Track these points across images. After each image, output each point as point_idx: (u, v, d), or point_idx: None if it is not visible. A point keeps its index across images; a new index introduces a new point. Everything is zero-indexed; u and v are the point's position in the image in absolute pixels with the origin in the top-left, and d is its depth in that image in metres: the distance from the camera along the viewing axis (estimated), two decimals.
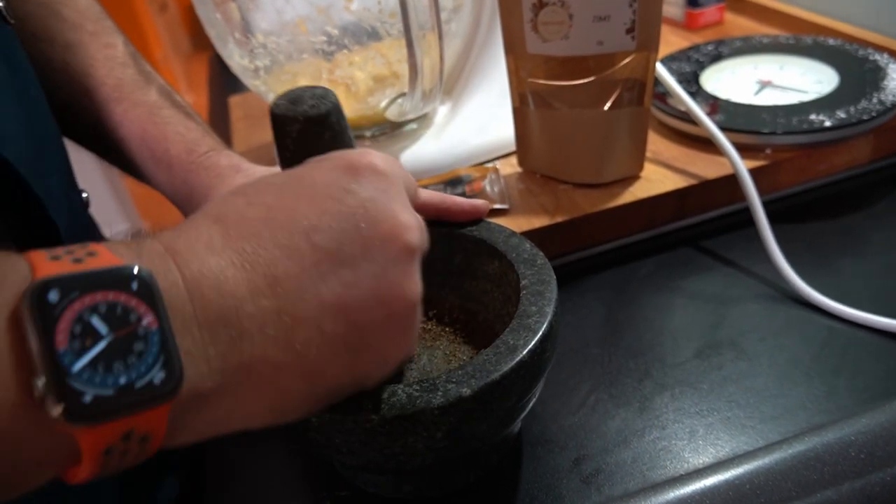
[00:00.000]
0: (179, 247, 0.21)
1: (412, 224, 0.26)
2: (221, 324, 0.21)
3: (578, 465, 0.36)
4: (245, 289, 0.21)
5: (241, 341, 0.21)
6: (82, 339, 0.18)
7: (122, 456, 0.19)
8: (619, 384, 0.41)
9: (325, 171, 0.26)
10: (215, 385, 0.21)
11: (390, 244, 0.24)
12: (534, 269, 0.36)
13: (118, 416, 0.18)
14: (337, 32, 0.53)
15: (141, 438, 0.19)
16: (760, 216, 0.47)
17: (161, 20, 3.09)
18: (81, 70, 0.44)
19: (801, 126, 0.52)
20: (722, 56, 0.65)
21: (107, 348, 0.18)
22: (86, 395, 0.18)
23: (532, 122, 0.53)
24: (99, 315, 0.18)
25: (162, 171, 0.43)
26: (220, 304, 0.21)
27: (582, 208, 0.50)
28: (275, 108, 0.30)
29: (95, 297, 0.18)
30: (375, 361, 0.25)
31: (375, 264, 0.24)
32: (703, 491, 0.33)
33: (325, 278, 0.23)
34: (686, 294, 0.47)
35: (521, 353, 0.30)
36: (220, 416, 0.22)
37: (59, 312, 0.18)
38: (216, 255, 0.22)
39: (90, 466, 0.19)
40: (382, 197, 0.25)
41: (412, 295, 0.25)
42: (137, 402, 0.18)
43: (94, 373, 0.18)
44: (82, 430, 0.18)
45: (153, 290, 0.19)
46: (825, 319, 0.43)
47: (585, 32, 0.47)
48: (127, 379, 0.18)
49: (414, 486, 0.36)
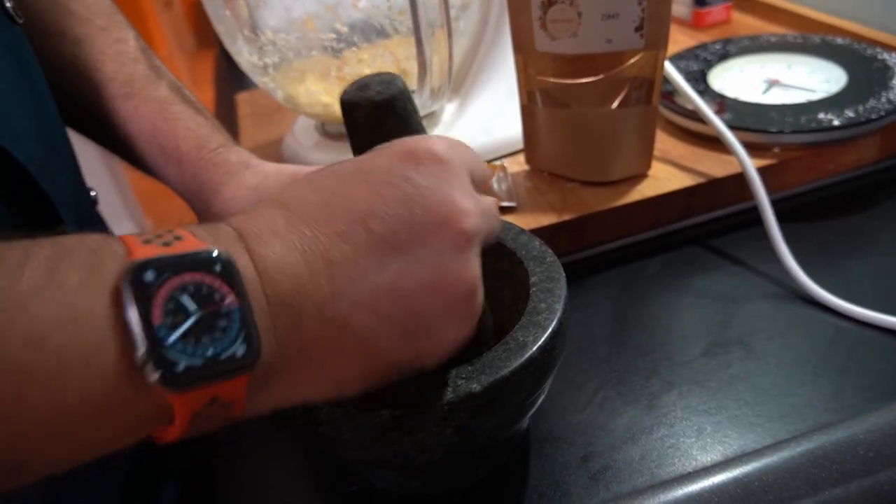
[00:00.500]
0: (248, 231, 0.23)
1: (470, 210, 0.25)
2: (284, 304, 0.22)
3: (586, 462, 0.36)
4: (305, 271, 0.22)
5: (302, 322, 0.22)
6: (175, 315, 0.20)
7: (208, 419, 0.21)
8: (627, 382, 0.41)
9: (385, 158, 0.26)
10: (282, 360, 0.22)
11: (446, 231, 0.25)
12: (543, 267, 0.36)
13: (206, 384, 0.20)
14: (346, 30, 0.53)
15: (225, 405, 0.21)
16: (768, 215, 0.47)
17: (166, 17, 3.09)
18: (91, 65, 0.44)
19: (809, 125, 0.52)
20: (729, 55, 0.65)
21: (196, 324, 0.20)
22: (179, 365, 0.19)
23: (540, 120, 0.53)
24: (188, 294, 0.20)
25: (172, 167, 0.43)
26: (283, 285, 0.22)
27: (589, 206, 0.50)
28: (343, 94, 0.30)
29: (185, 278, 0.20)
30: (433, 345, 0.26)
31: (431, 251, 0.24)
32: (711, 488, 0.33)
33: (381, 264, 0.24)
34: (694, 293, 0.47)
35: (531, 349, 0.30)
36: (285, 389, 0.23)
37: (155, 291, 0.19)
38: (279, 238, 0.23)
39: (181, 427, 0.21)
40: (440, 184, 0.25)
41: (470, 282, 0.25)
42: (222, 372, 0.20)
43: (185, 345, 0.20)
44: (175, 395, 0.20)
45: (233, 271, 0.21)
46: (833, 318, 0.43)
47: (594, 30, 0.47)
48: (214, 351, 0.20)
49: (423, 482, 0.36)
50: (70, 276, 0.19)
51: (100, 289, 0.19)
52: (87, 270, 0.19)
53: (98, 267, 0.19)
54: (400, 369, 0.26)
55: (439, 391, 0.29)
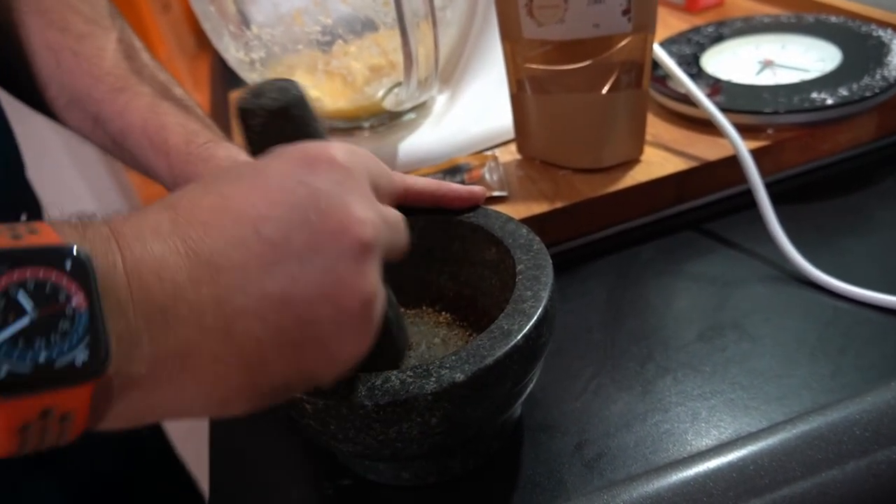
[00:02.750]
0: (125, 230, 0.21)
1: (367, 218, 0.25)
2: (158, 310, 0.21)
3: (581, 450, 0.36)
4: (186, 276, 0.21)
5: (178, 329, 0.21)
6: (4, 313, 0.18)
7: (42, 434, 0.19)
8: (622, 368, 0.40)
9: (281, 162, 0.25)
10: (148, 371, 0.21)
11: (341, 238, 0.24)
12: (530, 255, 0.35)
13: (34, 393, 0.18)
14: (332, 23, 0.53)
15: (61, 417, 0.19)
16: (763, 197, 0.46)
17: (164, 20, 3.10)
18: (90, 59, 0.45)
19: (802, 105, 0.51)
20: (723, 37, 0.64)
21: (30, 325, 0.18)
22: (0, 370, 0.18)
23: (530, 107, 0.53)
24: (26, 291, 0.18)
25: (161, 161, 0.43)
26: (158, 289, 0.21)
27: (582, 193, 0.50)
28: (239, 101, 0.29)
29: (24, 273, 0.18)
30: (325, 359, 0.25)
31: (324, 258, 0.23)
32: (706, 473, 0.33)
33: (271, 270, 0.22)
34: (688, 277, 0.46)
35: (516, 337, 0.30)
36: (154, 402, 0.22)
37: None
38: (161, 240, 0.21)
39: (7, 441, 0.19)
40: (336, 189, 0.24)
41: (365, 293, 0.24)
42: (55, 381, 0.19)
43: (12, 348, 0.18)
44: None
45: (87, 270, 0.19)
46: (830, 299, 0.42)
47: (581, 15, 0.47)
48: (46, 357, 0.18)
49: (414, 473, 0.36)
50: None
51: None
52: None
53: None
54: (289, 385, 0.25)
55: (423, 381, 0.28)
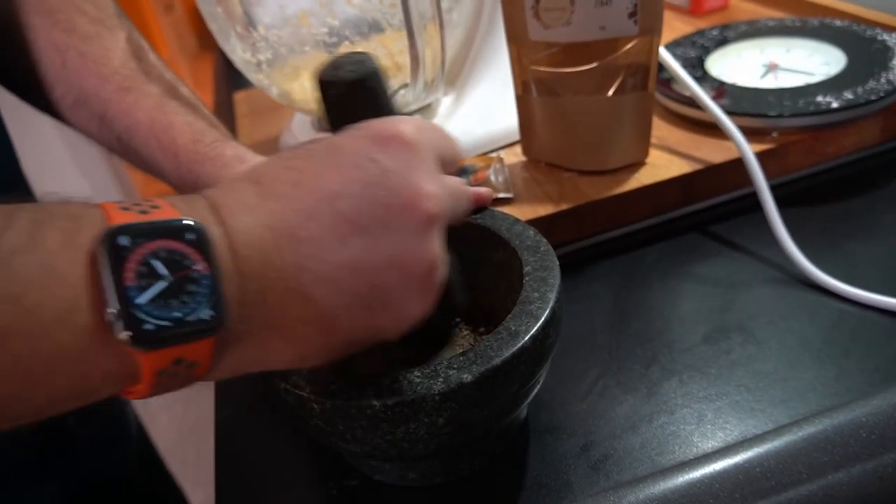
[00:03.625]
0: (220, 204, 0.24)
1: (434, 193, 0.26)
2: (252, 275, 0.23)
3: (587, 452, 0.36)
4: (272, 246, 0.24)
5: (268, 292, 0.24)
6: (146, 278, 0.21)
7: (173, 378, 0.22)
8: (627, 370, 0.40)
9: (354, 139, 0.27)
10: (246, 328, 0.23)
11: (409, 213, 0.26)
12: (537, 256, 0.35)
13: (172, 344, 0.21)
14: (339, 24, 0.53)
15: (189, 365, 0.22)
16: (768, 200, 0.46)
17: (167, 20, 3.10)
18: (97, 59, 0.45)
19: (807, 108, 0.51)
20: (727, 40, 0.64)
21: (166, 287, 0.21)
22: (147, 324, 0.21)
23: (535, 110, 0.53)
24: (160, 259, 0.21)
25: (168, 161, 0.43)
26: (251, 257, 0.23)
27: (587, 196, 0.50)
28: (319, 73, 0.31)
29: (158, 244, 0.21)
30: (392, 319, 0.27)
31: (393, 232, 0.25)
32: (712, 475, 0.33)
33: (345, 242, 0.25)
34: (694, 279, 0.46)
35: (523, 338, 0.30)
36: (250, 356, 0.24)
37: (128, 254, 0.20)
38: (250, 213, 0.24)
39: (147, 384, 0.22)
40: (405, 166, 0.26)
41: (429, 260, 0.26)
42: (189, 334, 0.21)
43: (154, 306, 0.21)
44: (142, 353, 0.21)
45: (205, 241, 0.22)
46: (835, 302, 0.42)
47: (587, 18, 0.47)
48: (181, 314, 0.21)
49: (420, 473, 0.36)
50: (50, 238, 0.20)
51: (77, 251, 0.20)
52: (66, 233, 0.20)
53: (77, 231, 0.20)
54: (360, 342, 0.27)
55: (431, 382, 0.28)
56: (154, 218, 0.22)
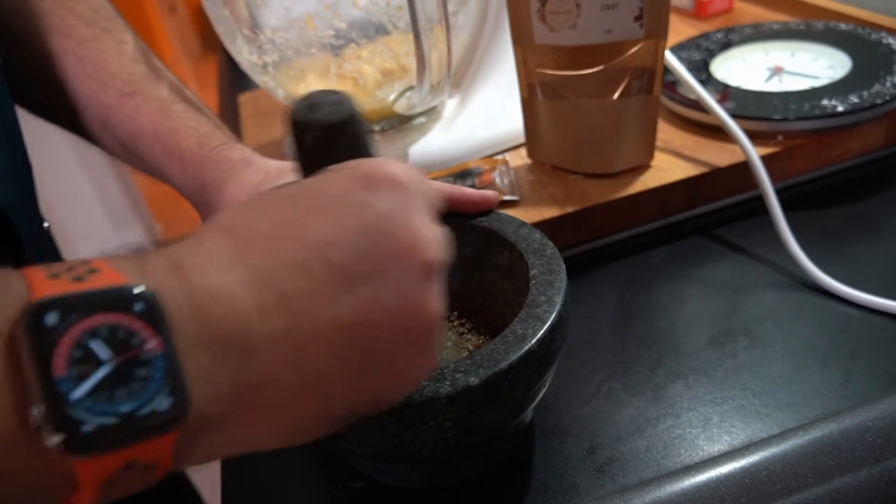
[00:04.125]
0: (185, 262, 0.20)
1: (432, 239, 0.24)
2: (229, 344, 0.20)
3: (592, 455, 0.36)
4: (254, 307, 0.20)
5: (250, 362, 0.20)
6: (82, 365, 0.17)
7: (124, 486, 0.18)
8: (633, 373, 0.40)
9: (341, 182, 0.24)
10: (223, 409, 0.20)
11: (409, 260, 0.23)
12: (543, 259, 0.35)
13: (120, 446, 0.17)
14: (345, 27, 0.53)
15: (145, 468, 0.18)
16: (773, 203, 0.46)
17: (170, 22, 3.11)
18: (96, 64, 0.44)
19: (813, 111, 0.51)
20: (732, 43, 0.64)
21: (108, 375, 0.17)
22: (86, 425, 0.17)
23: (541, 112, 0.53)
24: (100, 339, 0.17)
25: (174, 165, 0.43)
26: (227, 323, 0.20)
27: (592, 198, 0.50)
28: (293, 114, 0.29)
29: (96, 320, 0.17)
30: (393, 383, 0.24)
31: (393, 281, 0.23)
32: (718, 478, 0.33)
33: (340, 296, 0.22)
34: (699, 282, 0.46)
35: (530, 342, 0.30)
36: (228, 440, 0.21)
37: (58, 337, 0.17)
38: (224, 271, 0.20)
39: (89, 497, 0.18)
40: (401, 210, 0.24)
41: (432, 314, 0.24)
42: (141, 431, 0.18)
43: (95, 401, 0.17)
44: (81, 462, 0.17)
45: (157, 311, 0.18)
46: (840, 306, 0.42)
47: (593, 21, 0.47)
48: (130, 407, 0.17)
49: (425, 476, 0.36)
50: None
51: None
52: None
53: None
54: (356, 410, 0.24)
55: (438, 385, 0.28)
56: (91, 286, 0.18)
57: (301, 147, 0.29)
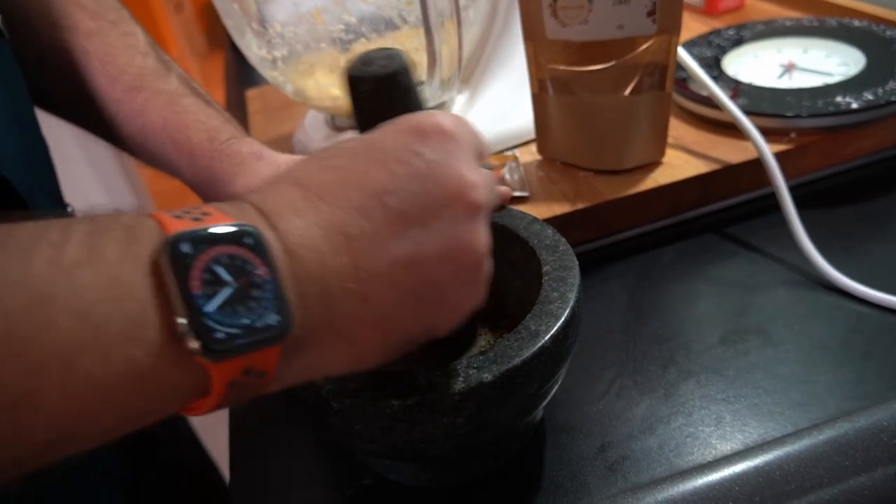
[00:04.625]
0: (268, 208, 0.23)
1: (478, 182, 0.26)
2: (310, 278, 0.23)
3: (604, 453, 0.36)
4: (326, 246, 0.23)
5: (326, 294, 0.23)
6: (212, 285, 0.20)
7: (242, 389, 0.21)
8: (644, 371, 0.40)
9: (394, 135, 0.26)
10: (308, 334, 0.23)
11: (457, 203, 0.25)
12: (556, 256, 0.35)
13: (242, 353, 0.20)
14: (355, 21, 0.53)
15: (258, 374, 0.21)
16: (786, 201, 0.46)
17: (177, 19, 3.11)
18: (102, 58, 0.44)
19: (826, 108, 0.51)
20: (744, 40, 0.64)
21: (232, 294, 0.20)
22: (217, 333, 0.20)
23: (552, 108, 0.53)
24: (223, 265, 0.20)
25: (184, 160, 0.43)
26: (307, 260, 0.23)
27: (603, 195, 0.50)
28: (348, 69, 0.30)
29: (219, 250, 0.20)
30: (446, 312, 0.26)
31: (444, 222, 0.25)
32: (731, 477, 0.32)
33: (397, 236, 0.24)
34: (710, 280, 0.46)
35: (543, 338, 0.30)
36: (310, 362, 0.24)
37: (192, 262, 0.20)
38: (300, 215, 0.23)
39: (216, 397, 0.21)
40: (449, 158, 0.26)
41: (480, 249, 0.26)
42: (258, 341, 0.21)
43: (223, 314, 0.20)
44: (213, 364, 0.20)
45: (263, 245, 0.21)
46: (854, 304, 0.42)
47: (605, 16, 0.46)
48: (249, 320, 0.20)
49: (435, 474, 0.35)
50: (109, 250, 0.19)
51: (139, 262, 0.20)
52: (125, 245, 0.20)
53: (135, 241, 0.20)
54: (415, 339, 0.26)
55: (450, 381, 0.28)
56: (209, 224, 0.21)
57: (356, 100, 0.31)
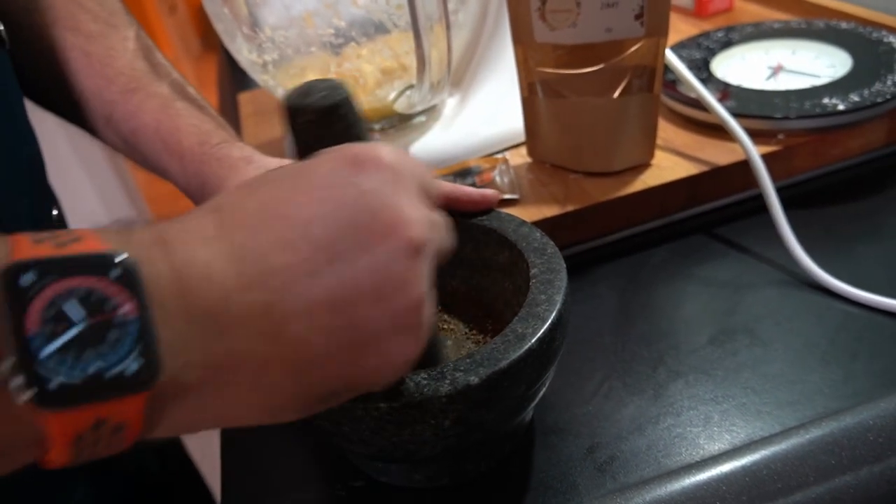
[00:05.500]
0: (170, 236, 0.21)
1: (417, 219, 0.24)
2: (206, 316, 0.20)
3: (593, 453, 0.36)
4: (234, 281, 0.21)
5: (227, 334, 0.21)
6: (54, 324, 0.18)
7: (95, 444, 0.19)
8: (633, 372, 0.40)
9: (329, 163, 0.25)
10: (198, 379, 0.20)
11: (391, 238, 0.23)
12: (544, 258, 0.35)
13: (85, 404, 0.18)
14: (345, 25, 0.53)
15: (114, 428, 0.19)
16: (774, 202, 0.46)
17: (171, 21, 3.11)
18: (101, 59, 0.44)
19: (814, 110, 0.51)
20: (732, 42, 0.64)
21: (79, 335, 0.18)
22: (52, 381, 0.17)
23: (541, 111, 0.53)
24: (75, 301, 0.18)
25: (174, 163, 0.43)
26: (206, 295, 0.20)
27: (593, 197, 0.50)
28: (286, 99, 0.29)
29: (72, 283, 0.18)
30: (375, 364, 0.24)
31: (374, 258, 0.23)
32: (719, 477, 0.33)
33: (320, 272, 0.22)
34: (699, 281, 0.46)
35: (530, 341, 0.30)
36: (205, 410, 0.21)
37: (32, 296, 0.17)
38: (207, 245, 0.21)
39: (61, 453, 0.19)
40: (385, 189, 0.24)
41: (417, 291, 0.24)
42: (107, 391, 0.18)
43: (63, 359, 0.18)
44: (50, 416, 0.18)
45: (135, 278, 0.19)
46: (841, 304, 0.42)
47: (594, 19, 0.47)
48: (97, 367, 0.18)
49: (426, 475, 0.36)
50: None
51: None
52: None
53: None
54: (339, 391, 0.24)
55: (437, 384, 0.28)
56: (72, 252, 0.19)
57: (295, 132, 0.30)
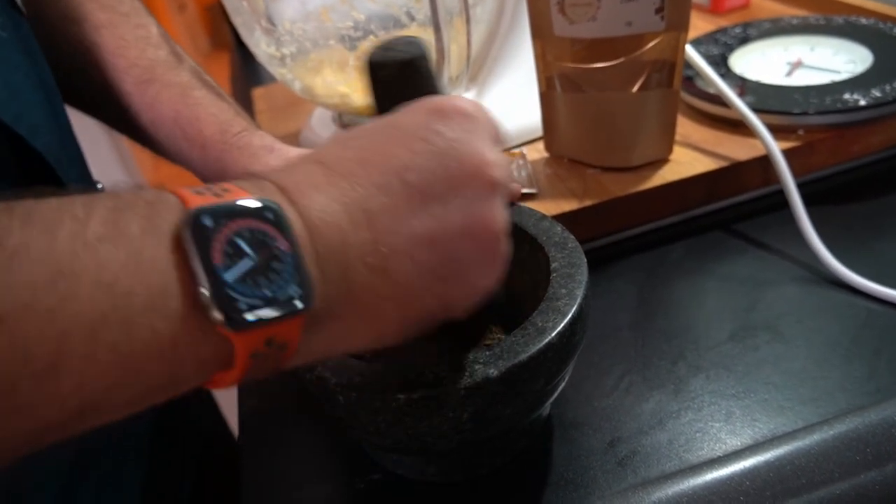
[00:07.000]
0: (289, 185, 0.23)
1: (497, 161, 0.27)
2: (330, 253, 0.23)
3: (613, 448, 0.36)
4: (347, 222, 0.23)
5: (346, 269, 0.23)
6: (233, 257, 0.20)
7: (263, 361, 0.22)
8: (653, 367, 0.40)
9: (414, 115, 0.27)
10: (328, 308, 0.23)
11: (476, 180, 0.26)
12: (564, 253, 0.35)
13: (265, 324, 0.21)
14: (363, 18, 0.53)
15: (280, 346, 0.22)
16: (795, 198, 0.46)
17: (180, 20, 3.11)
18: (113, 50, 0.44)
19: (834, 105, 0.51)
20: (750, 38, 0.64)
21: (253, 266, 0.21)
22: (240, 304, 0.20)
23: (559, 106, 0.53)
24: (244, 239, 0.21)
25: (195, 152, 0.43)
26: (327, 236, 0.23)
27: (611, 192, 0.50)
28: (370, 55, 0.31)
29: (240, 224, 0.21)
30: (464, 290, 0.27)
31: (463, 199, 0.25)
32: (742, 472, 0.32)
33: (417, 213, 0.25)
34: (718, 277, 0.46)
35: (550, 335, 0.30)
36: (332, 337, 0.24)
37: (213, 235, 0.20)
38: (320, 192, 0.24)
39: (239, 369, 0.21)
40: (469, 137, 0.26)
41: (498, 226, 0.26)
42: (280, 313, 0.21)
43: (245, 286, 0.20)
44: (236, 334, 0.20)
45: (284, 219, 0.22)
46: (863, 301, 0.42)
47: (613, 13, 0.46)
48: (271, 292, 0.21)
49: (441, 469, 0.35)
50: (132, 225, 0.20)
51: (161, 235, 0.20)
52: (147, 219, 0.20)
53: (157, 216, 0.20)
54: (433, 317, 0.27)
55: (456, 376, 0.28)
56: (229, 199, 0.22)
57: (376, 86, 0.31)
